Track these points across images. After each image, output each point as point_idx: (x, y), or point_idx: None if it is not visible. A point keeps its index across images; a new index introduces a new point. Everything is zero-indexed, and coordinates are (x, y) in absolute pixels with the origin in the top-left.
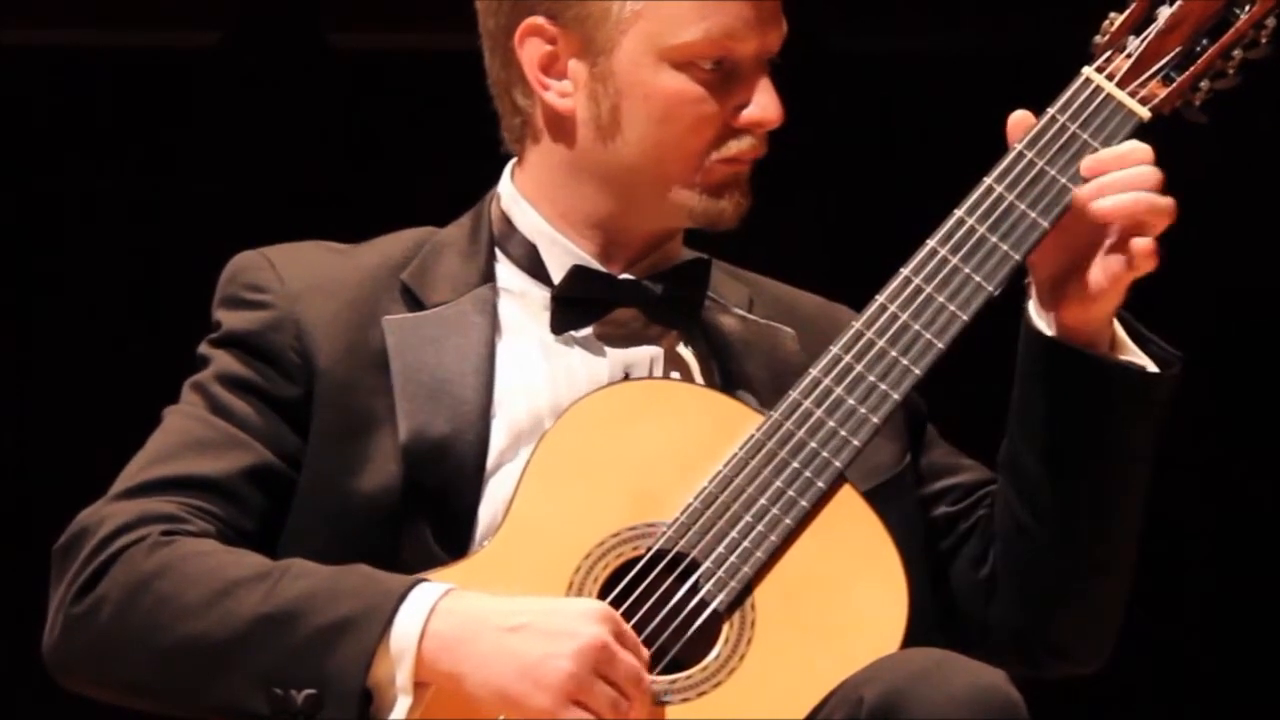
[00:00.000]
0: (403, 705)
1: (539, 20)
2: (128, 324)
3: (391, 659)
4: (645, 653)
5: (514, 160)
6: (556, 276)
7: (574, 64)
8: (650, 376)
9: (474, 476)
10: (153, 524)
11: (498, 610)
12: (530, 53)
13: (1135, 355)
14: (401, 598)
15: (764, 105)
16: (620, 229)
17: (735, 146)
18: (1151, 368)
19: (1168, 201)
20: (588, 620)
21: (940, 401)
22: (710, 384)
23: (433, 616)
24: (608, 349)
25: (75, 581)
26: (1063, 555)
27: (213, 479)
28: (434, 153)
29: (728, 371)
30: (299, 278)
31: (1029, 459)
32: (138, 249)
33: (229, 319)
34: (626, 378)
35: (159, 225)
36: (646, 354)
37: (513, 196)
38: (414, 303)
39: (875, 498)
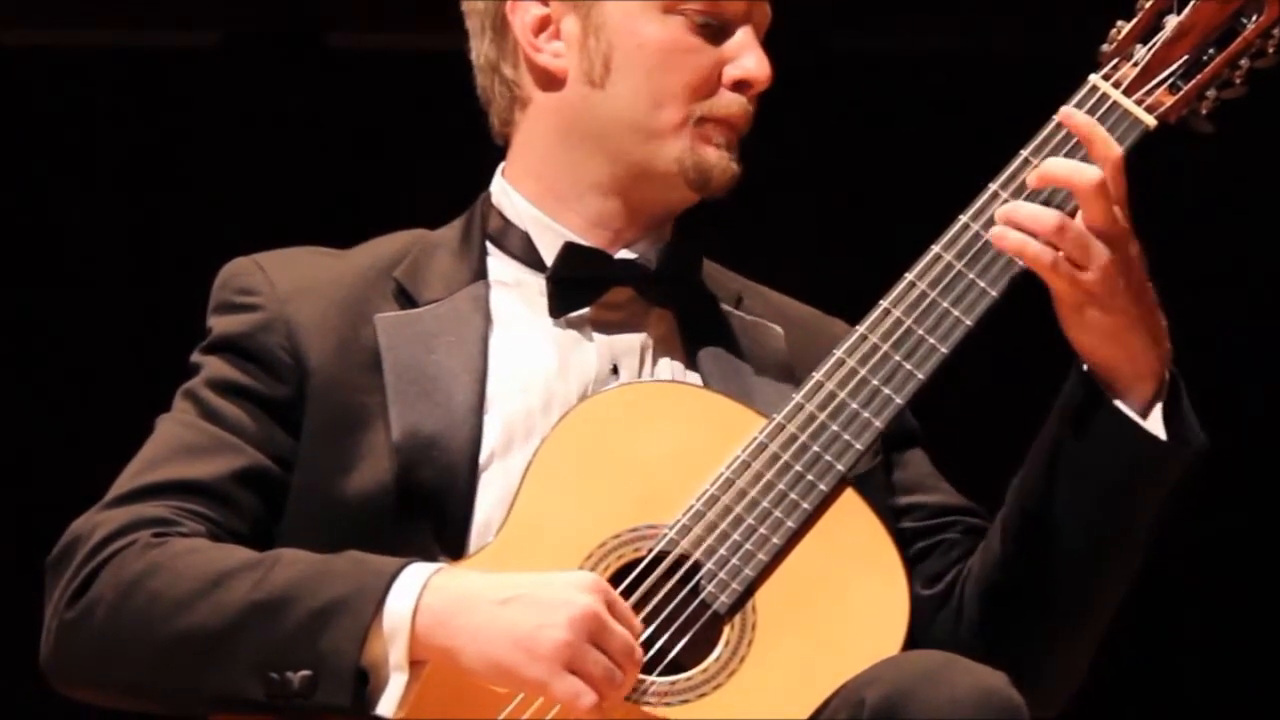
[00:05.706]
0: (399, 682)
1: None
2: (127, 325)
3: (385, 637)
4: (637, 623)
5: (503, 163)
6: (551, 260)
7: (567, 21)
8: (640, 370)
9: (467, 473)
10: (143, 528)
11: (490, 584)
12: (523, 18)
13: (1154, 422)
14: (393, 577)
15: (756, 62)
16: (613, 197)
17: (724, 105)
18: (1160, 435)
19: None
20: (580, 590)
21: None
22: (699, 372)
23: (425, 593)
24: (597, 337)
25: (68, 589)
26: (1028, 594)
27: (203, 482)
28: (433, 153)
29: (715, 362)
30: (289, 280)
31: (1026, 480)
32: (137, 250)
33: (220, 324)
34: (615, 370)
35: (158, 226)
36: (636, 342)
37: (502, 189)
38: (407, 300)
39: None
